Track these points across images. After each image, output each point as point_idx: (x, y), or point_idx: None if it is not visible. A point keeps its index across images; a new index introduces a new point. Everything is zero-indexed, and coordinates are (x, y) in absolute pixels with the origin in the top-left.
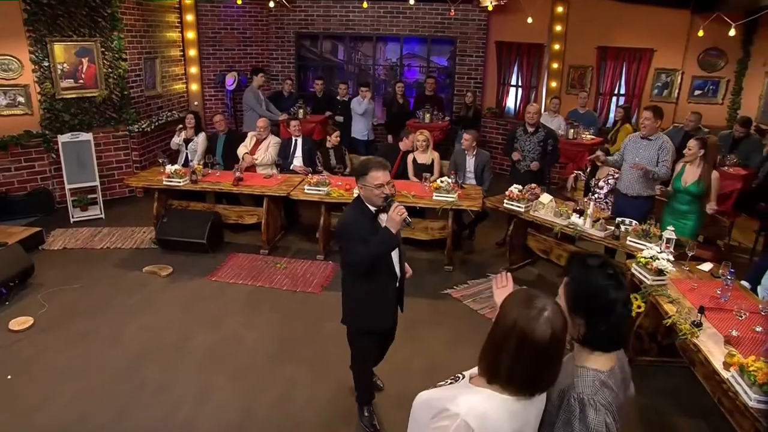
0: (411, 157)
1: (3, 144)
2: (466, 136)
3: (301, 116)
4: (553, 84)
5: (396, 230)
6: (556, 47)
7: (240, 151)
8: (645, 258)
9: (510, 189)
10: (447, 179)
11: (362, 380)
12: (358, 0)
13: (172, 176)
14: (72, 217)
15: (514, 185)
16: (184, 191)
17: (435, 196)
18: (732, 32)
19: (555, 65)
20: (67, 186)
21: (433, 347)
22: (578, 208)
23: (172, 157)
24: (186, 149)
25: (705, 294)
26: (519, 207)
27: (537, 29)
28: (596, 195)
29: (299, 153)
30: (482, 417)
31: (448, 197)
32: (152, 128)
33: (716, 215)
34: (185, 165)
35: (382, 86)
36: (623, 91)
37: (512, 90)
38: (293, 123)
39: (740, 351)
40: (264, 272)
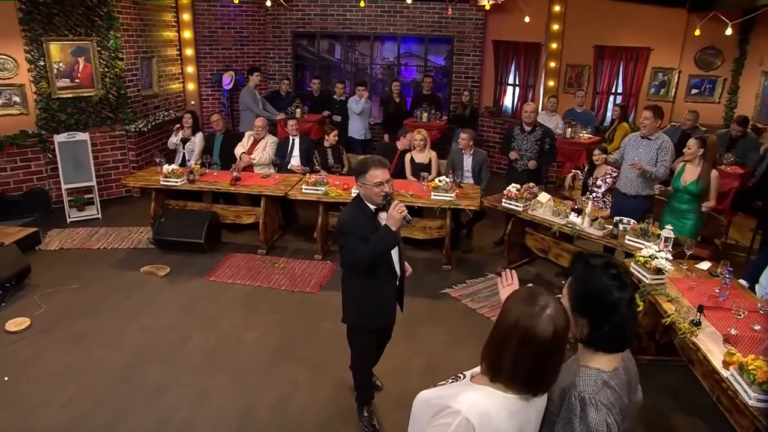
0: (408, 157)
1: None
2: (463, 136)
3: (299, 116)
4: (551, 83)
5: (396, 228)
6: (554, 46)
7: (237, 151)
8: (644, 257)
9: (508, 188)
10: (445, 178)
11: (362, 380)
12: None
13: (170, 176)
14: (69, 218)
15: (512, 184)
16: (182, 191)
17: (433, 196)
18: (729, 31)
19: (552, 64)
20: (64, 186)
21: (432, 347)
22: (576, 207)
23: (169, 157)
24: (183, 149)
25: (703, 293)
26: (517, 206)
27: (534, 28)
28: (594, 194)
29: (297, 152)
30: (484, 414)
31: (447, 196)
32: (149, 128)
33: (714, 214)
34: (182, 165)
35: (380, 85)
36: (620, 90)
37: (509, 89)
38: (291, 122)
39: (739, 350)
40: (262, 272)
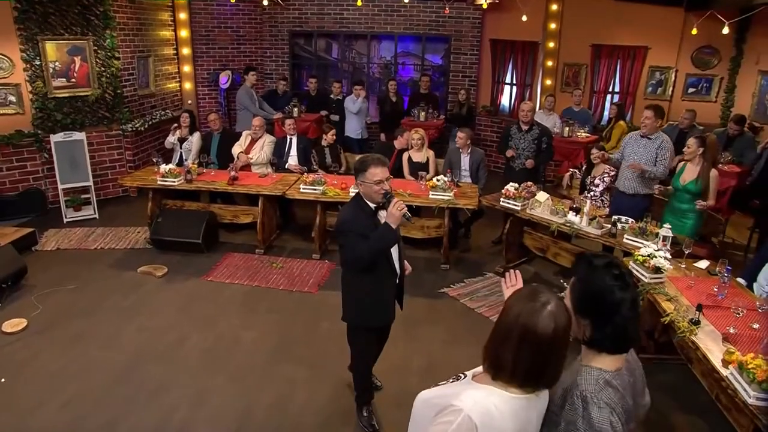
0: (406, 156)
1: None
2: (461, 135)
3: (296, 115)
4: (548, 82)
5: (396, 225)
6: (551, 45)
7: (235, 150)
8: (642, 256)
9: (506, 187)
10: (443, 178)
11: (362, 380)
12: None
13: (167, 176)
14: (65, 218)
15: (510, 183)
16: (179, 191)
17: (431, 195)
18: (725, 30)
19: (549, 63)
20: (60, 186)
21: (431, 346)
22: (574, 206)
23: (166, 157)
24: (180, 148)
25: (702, 291)
26: (515, 205)
27: (531, 27)
28: (592, 193)
29: (294, 152)
30: (486, 413)
31: (445, 196)
32: (146, 127)
33: (712, 212)
34: (179, 164)
35: (377, 84)
36: (617, 89)
37: (507, 88)
38: (288, 122)
39: (738, 348)
40: (260, 272)
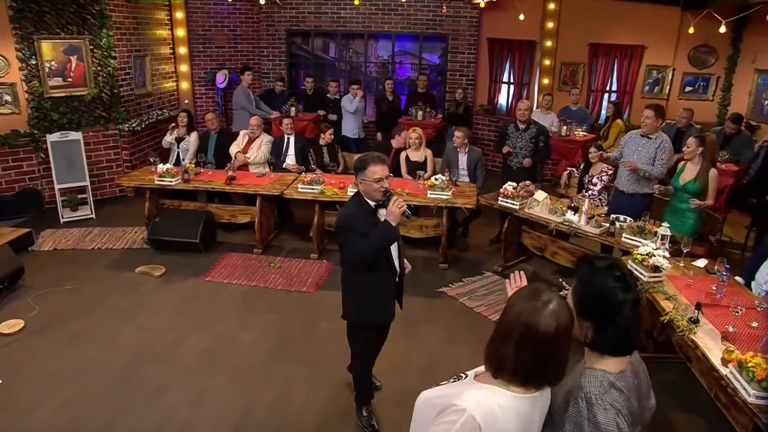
0: (404, 155)
1: None
2: (458, 134)
3: (293, 114)
4: (545, 81)
5: (396, 223)
6: (548, 44)
7: (232, 150)
8: (641, 255)
9: (504, 186)
10: (441, 177)
11: (362, 380)
12: None
13: (164, 175)
14: (62, 218)
15: (509, 182)
16: (176, 190)
17: (429, 194)
18: (722, 29)
19: (547, 62)
20: (57, 186)
21: (430, 345)
22: (573, 205)
23: (163, 156)
24: (178, 148)
25: (701, 290)
26: (513, 204)
27: (529, 26)
28: (590, 192)
29: (292, 151)
30: (489, 413)
31: (443, 195)
32: (143, 127)
33: (709, 211)
34: (177, 164)
35: (374, 84)
36: (615, 88)
37: (504, 87)
38: (286, 121)
39: (737, 347)
40: (258, 272)
